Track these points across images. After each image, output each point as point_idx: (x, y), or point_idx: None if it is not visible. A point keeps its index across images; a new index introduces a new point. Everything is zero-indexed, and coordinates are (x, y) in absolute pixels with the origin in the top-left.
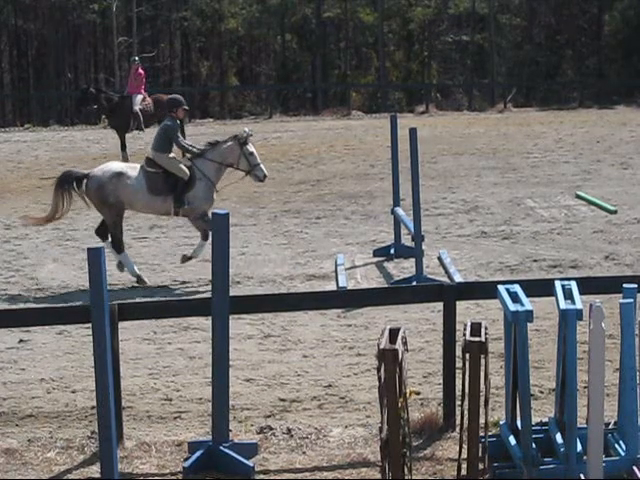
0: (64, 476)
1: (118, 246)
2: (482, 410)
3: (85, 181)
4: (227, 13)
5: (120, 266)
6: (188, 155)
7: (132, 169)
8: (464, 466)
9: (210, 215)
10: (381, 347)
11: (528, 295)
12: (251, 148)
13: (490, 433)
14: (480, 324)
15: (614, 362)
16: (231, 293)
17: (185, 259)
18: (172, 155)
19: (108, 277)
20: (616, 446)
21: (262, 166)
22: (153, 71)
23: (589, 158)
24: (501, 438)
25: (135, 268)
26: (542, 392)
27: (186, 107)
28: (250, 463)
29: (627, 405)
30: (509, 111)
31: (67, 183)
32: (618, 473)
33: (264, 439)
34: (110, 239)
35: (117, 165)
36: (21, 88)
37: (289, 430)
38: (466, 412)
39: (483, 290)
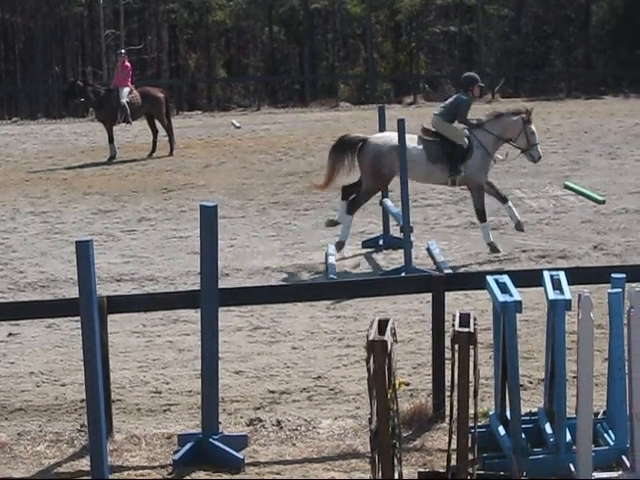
0: (54, 469)
1: (353, 208)
2: (471, 401)
3: (361, 145)
4: (214, 5)
5: (332, 222)
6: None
7: (411, 140)
8: (454, 456)
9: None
10: (370, 338)
11: (517, 285)
12: (533, 127)
13: (479, 424)
14: (469, 315)
15: (603, 352)
16: (220, 285)
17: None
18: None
19: (97, 270)
20: (605, 436)
21: (539, 147)
22: (140, 64)
23: (577, 148)
24: (490, 428)
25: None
26: (531, 382)
27: (482, 84)
28: (240, 455)
29: (616, 395)
30: (497, 102)
31: (344, 150)
32: (607, 463)
33: (254, 431)
34: (351, 200)
35: (394, 137)
36: (8, 81)
37: (279, 422)
38: (455, 403)
39: (472, 281)
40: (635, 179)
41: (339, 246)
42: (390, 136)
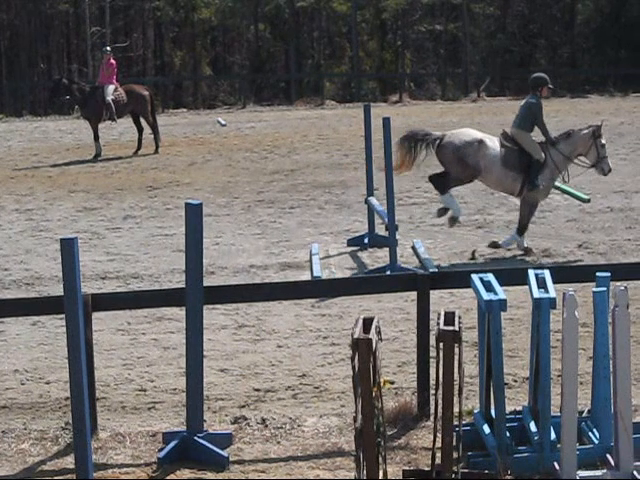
0: (38, 467)
1: (443, 188)
2: (456, 399)
3: (438, 142)
4: (200, 3)
5: (442, 211)
6: (541, 140)
7: (491, 140)
8: (438, 455)
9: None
10: (355, 337)
11: (502, 284)
12: (603, 140)
13: (464, 422)
14: (454, 313)
15: (587, 350)
16: (205, 283)
17: (494, 245)
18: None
19: (82, 268)
20: (590, 434)
21: (609, 160)
22: (126, 61)
23: None
24: (475, 427)
25: (458, 208)
26: (516, 381)
27: (551, 86)
28: (225, 453)
29: (600, 393)
30: (483, 100)
31: (410, 142)
32: (592, 461)
33: (239, 429)
34: (439, 182)
35: (476, 133)
36: None
37: (263, 420)
38: (440, 401)
39: (457, 279)
40: (620, 178)
41: (452, 221)
42: (469, 131)
